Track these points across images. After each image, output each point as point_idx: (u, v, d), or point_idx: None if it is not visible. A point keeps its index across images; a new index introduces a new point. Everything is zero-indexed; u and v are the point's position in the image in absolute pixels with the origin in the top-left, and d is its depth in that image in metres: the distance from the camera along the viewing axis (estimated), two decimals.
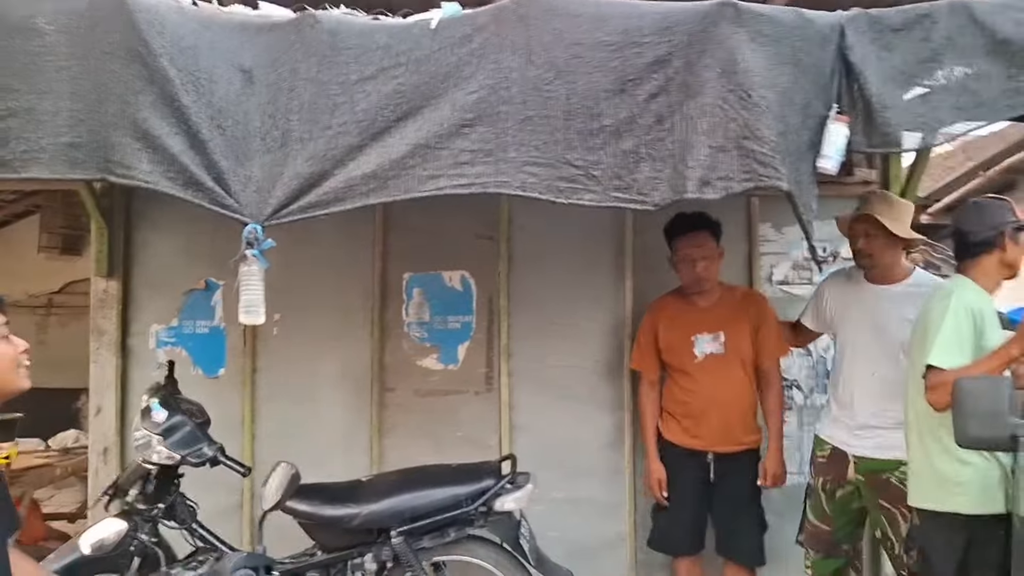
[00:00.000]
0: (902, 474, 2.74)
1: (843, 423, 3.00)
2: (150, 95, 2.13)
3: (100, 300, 3.67)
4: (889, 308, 2.89)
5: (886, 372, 2.86)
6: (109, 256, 3.64)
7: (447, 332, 3.77)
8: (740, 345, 3.18)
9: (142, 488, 2.91)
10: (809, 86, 2.21)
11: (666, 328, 3.27)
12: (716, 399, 3.17)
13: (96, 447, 3.67)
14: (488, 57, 2.20)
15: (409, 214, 3.72)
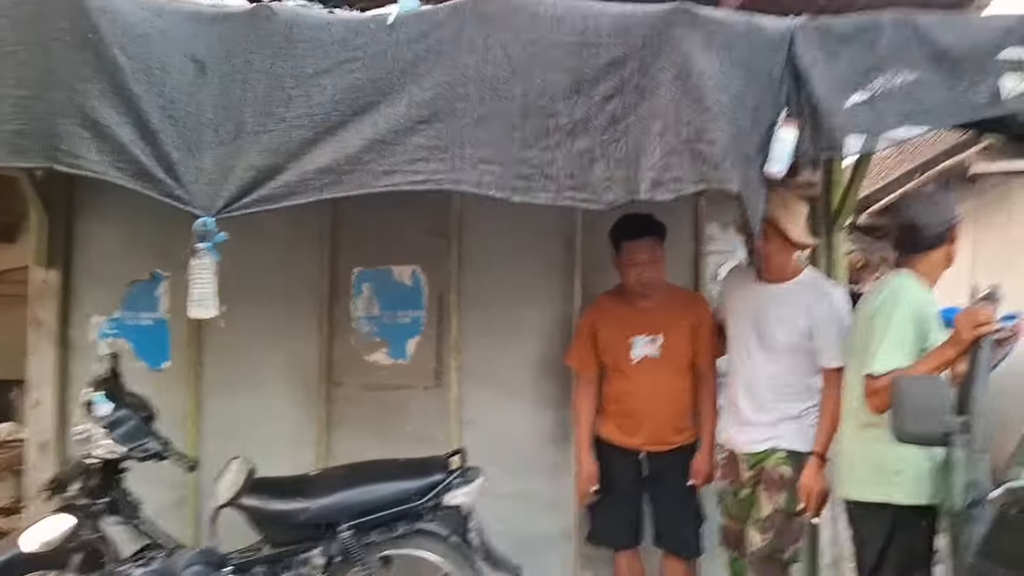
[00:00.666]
0: (778, 460, 2.89)
1: (731, 419, 3.08)
2: (99, 83, 2.09)
3: (39, 290, 3.58)
4: (770, 306, 2.94)
5: (765, 369, 2.95)
6: (49, 246, 3.54)
7: (397, 327, 3.76)
8: (678, 348, 3.21)
9: (84, 483, 2.85)
10: (759, 91, 2.27)
11: (605, 327, 3.30)
12: (650, 402, 3.20)
13: (34, 441, 3.58)
14: (445, 54, 2.21)
15: (359, 209, 3.67)
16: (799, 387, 2.92)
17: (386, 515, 2.93)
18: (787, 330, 2.89)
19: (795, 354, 2.90)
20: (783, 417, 2.92)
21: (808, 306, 2.88)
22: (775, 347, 2.91)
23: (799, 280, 2.96)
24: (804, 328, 2.86)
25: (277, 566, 2.90)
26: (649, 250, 3.15)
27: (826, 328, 2.84)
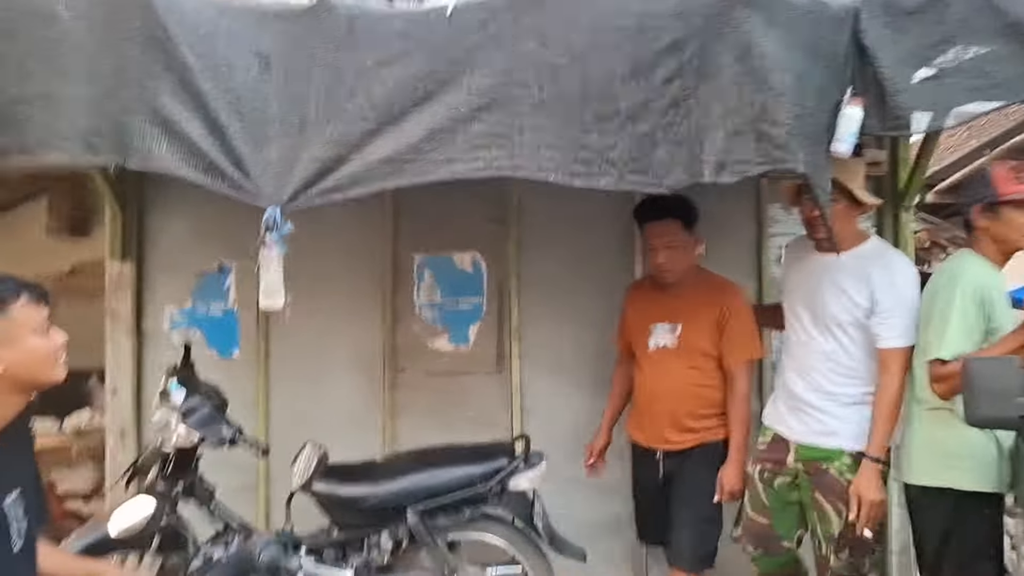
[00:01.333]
0: (843, 465, 2.62)
1: (782, 402, 2.83)
2: (169, 81, 2.15)
3: (115, 283, 3.71)
4: (826, 278, 2.68)
5: (821, 345, 2.69)
6: (123, 239, 3.67)
7: (458, 313, 3.80)
8: (697, 340, 2.98)
9: (161, 469, 2.96)
10: (824, 70, 2.23)
11: (632, 312, 3.22)
12: (658, 394, 3.04)
13: (113, 428, 3.71)
14: (503, 42, 2.21)
15: (420, 197, 3.71)
16: (859, 370, 2.65)
17: (452, 500, 2.98)
18: (845, 304, 2.62)
19: (855, 332, 2.63)
20: (844, 404, 2.66)
21: (869, 277, 2.59)
22: (831, 323, 2.66)
23: (861, 249, 2.68)
24: (864, 302, 2.59)
25: (347, 549, 2.97)
26: (669, 233, 2.95)
27: (888, 303, 2.56)
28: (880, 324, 2.58)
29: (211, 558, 1.83)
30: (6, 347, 1.70)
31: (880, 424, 2.57)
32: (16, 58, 2.10)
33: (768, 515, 2.82)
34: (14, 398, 1.75)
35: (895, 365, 2.57)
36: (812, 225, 2.71)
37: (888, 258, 2.67)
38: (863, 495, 2.52)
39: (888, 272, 2.60)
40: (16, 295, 1.72)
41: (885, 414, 2.57)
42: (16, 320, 1.72)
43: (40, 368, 1.76)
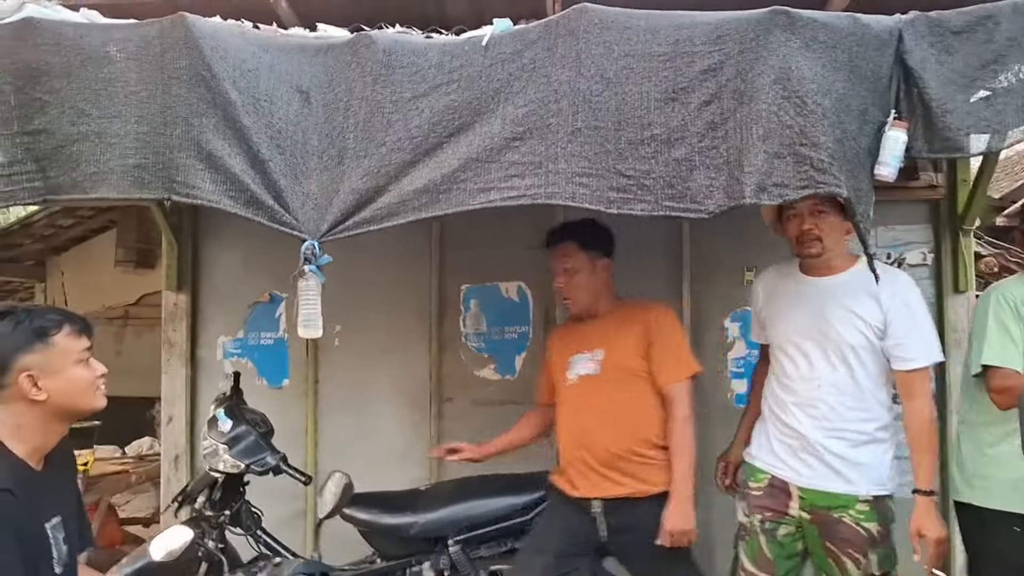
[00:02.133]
0: (858, 513, 2.38)
1: (786, 445, 2.49)
2: (213, 117, 2.20)
3: (171, 313, 3.81)
4: (829, 300, 2.46)
5: (828, 376, 2.44)
6: (178, 270, 3.78)
7: (504, 343, 3.79)
8: (623, 361, 2.72)
9: (209, 495, 3.02)
10: (866, 92, 2.17)
11: (553, 354, 2.97)
12: (585, 427, 2.71)
13: (168, 455, 3.80)
14: (538, 71, 2.21)
15: (465, 227, 3.75)
16: (870, 403, 2.43)
17: (494, 530, 2.96)
18: (856, 326, 2.40)
19: (867, 357, 2.41)
20: (857, 443, 2.40)
21: (877, 296, 2.38)
22: (844, 349, 2.42)
23: (857, 268, 2.47)
24: (876, 322, 2.38)
25: None
26: (566, 256, 2.81)
27: (903, 321, 2.37)
28: (897, 345, 2.38)
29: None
30: (49, 376, 1.76)
31: (923, 455, 2.36)
32: (71, 99, 2.19)
33: (772, 569, 2.51)
34: (56, 426, 1.81)
35: (919, 387, 2.39)
36: (803, 241, 2.48)
37: (892, 274, 2.47)
38: (927, 534, 2.30)
39: (895, 289, 2.40)
40: (59, 326, 1.79)
41: (925, 442, 2.37)
42: (58, 350, 1.78)
43: (81, 397, 1.81)
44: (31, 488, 1.71)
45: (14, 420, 1.74)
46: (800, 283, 2.56)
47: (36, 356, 1.75)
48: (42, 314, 1.80)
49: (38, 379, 1.74)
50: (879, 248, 3.60)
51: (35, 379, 1.74)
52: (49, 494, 1.78)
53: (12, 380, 1.73)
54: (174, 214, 3.76)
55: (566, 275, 2.84)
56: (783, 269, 2.65)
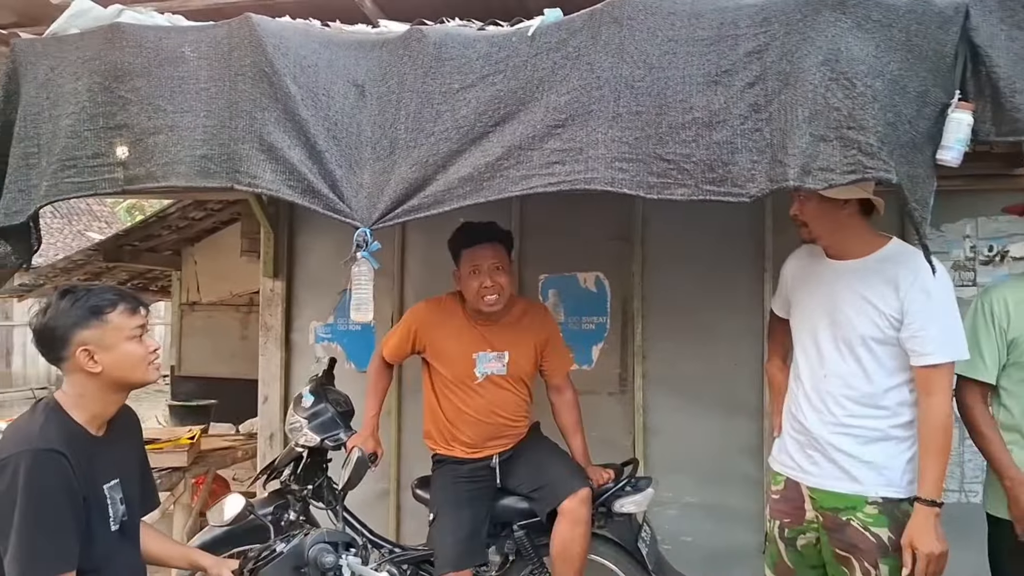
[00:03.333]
0: (867, 517, 2.20)
1: (796, 442, 2.37)
2: (274, 111, 2.33)
3: (268, 299, 4.05)
4: (842, 287, 2.29)
5: (837, 367, 2.27)
6: (275, 258, 4.00)
7: (581, 333, 3.81)
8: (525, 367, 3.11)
9: (294, 469, 3.20)
10: (926, 73, 2.04)
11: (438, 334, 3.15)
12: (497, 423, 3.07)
13: (264, 432, 4.04)
14: (582, 59, 2.22)
15: (544, 217, 3.80)
16: (882, 399, 2.23)
17: None
18: (869, 315, 2.22)
19: (880, 350, 2.22)
20: (865, 440, 2.23)
21: (895, 285, 2.19)
22: (853, 340, 2.24)
23: (883, 253, 2.28)
24: (891, 311, 2.19)
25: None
26: (497, 257, 2.98)
27: (921, 312, 2.15)
28: (913, 338, 2.16)
29: (274, 550, 1.97)
30: (103, 351, 1.93)
31: (929, 458, 2.13)
32: (149, 96, 2.37)
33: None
34: (113, 395, 1.98)
35: (936, 385, 2.15)
36: (799, 225, 2.39)
37: (916, 260, 2.14)
38: (918, 546, 2.08)
39: (917, 275, 2.16)
40: (113, 305, 1.95)
41: (934, 446, 2.13)
42: (112, 327, 1.95)
43: (133, 370, 1.98)
44: (89, 452, 1.89)
45: (77, 390, 1.93)
46: (822, 265, 2.39)
47: (92, 332, 1.93)
48: (99, 293, 1.97)
49: (94, 353, 1.92)
50: (980, 240, 3.39)
51: (91, 353, 1.92)
52: (108, 458, 1.96)
53: (70, 354, 1.91)
54: (271, 205, 3.99)
55: (498, 274, 2.96)
56: (815, 249, 2.45)
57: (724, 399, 3.63)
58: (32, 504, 1.75)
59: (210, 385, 7.68)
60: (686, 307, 3.67)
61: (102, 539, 1.90)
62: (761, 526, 3.54)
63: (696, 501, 3.63)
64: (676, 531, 3.63)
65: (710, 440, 3.63)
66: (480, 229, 3.02)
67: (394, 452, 3.92)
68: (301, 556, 1.87)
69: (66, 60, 2.44)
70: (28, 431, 1.85)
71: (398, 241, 3.97)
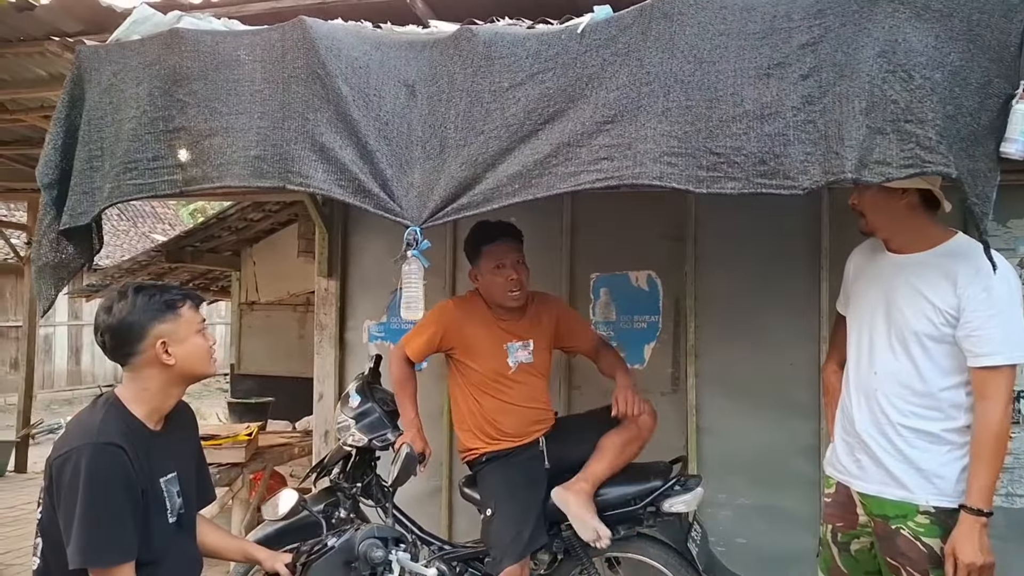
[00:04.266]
0: (918, 526, 2.11)
1: (846, 444, 2.31)
2: (326, 112, 2.36)
3: (322, 298, 4.11)
4: (898, 282, 2.21)
5: (889, 364, 2.19)
6: (329, 258, 4.06)
7: (633, 332, 3.78)
8: (546, 351, 3.23)
9: (344, 467, 3.24)
10: (989, 64, 1.98)
11: (472, 330, 3.18)
12: (537, 409, 3.18)
13: (318, 430, 4.11)
14: (632, 55, 2.20)
15: (596, 215, 3.78)
16: (937, 399, 2.14)
17: (606, 517, 2.96)
18: (924, 310, 2.14)
19: (935, 348, 2.13)
20: (917, 444, 2.14)
21: (954, 277, 2.10)
22: (907, 335, 2.16)
23: (946, 247, 2.19)
24: (948, 308, 2.10)
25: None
26: (516, 253, 3.07)
27: (979, 310, 2.06)
28: (970, 337, 2.07)
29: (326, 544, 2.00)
30: (177, 344, 2.00)
31: (979, 465, 2.05)
32: (206, 99, 2.43)
33: None
34: (175, 389, 2.04)
35: (993, 388, 2.05)
36: (857, 216, 2.35)
37: (978, 255, 2.02)
38: (959, 556, 2.00)
39: (978, 271, 2.06)
40: (183, 300, 2.02)
41: (986, 452, 2.04)
42: (184, 320, 2.02)
43: (200, 363, 2.04)
44: (147, 445, 1.94)
45: (140, 385, 1.99)
46: (882, 259, 2.32)
47: (168, 325, 2.00)
48: (168, 289, 2.04)
49: (169, 346, 1.98)
50: None
51: (167, 345, 1.99)
52: (165, 451, 2.02)
53: (148, 346, 1.98)
54: (326, 206, 4.05)
55: (520, 269, 3.06)
56: (878, 243, 2.38)
57: (779, 400, 3.57)
58: (93, 496, 1.81)
59: (268, 383, 7.84)
60: (740, 307, 3.62)
61: (160, 531, 1.95)
62: (817, 529, 3.49)
63: (750, 502, 3.58)
64: (730, 532, 3.58)
65: (764, 441, 3.57)
66: (499, 226, 3.09)
67: (446, 450, 3.94)
68: (352, 551, 1.90)
69: (128, 66, 2.51)
70: (89, 425, 1.91)
71: (449, 240, 3.99)
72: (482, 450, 3.12)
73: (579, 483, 2.93)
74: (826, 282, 3.47)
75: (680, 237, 3.71)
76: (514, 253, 3.06)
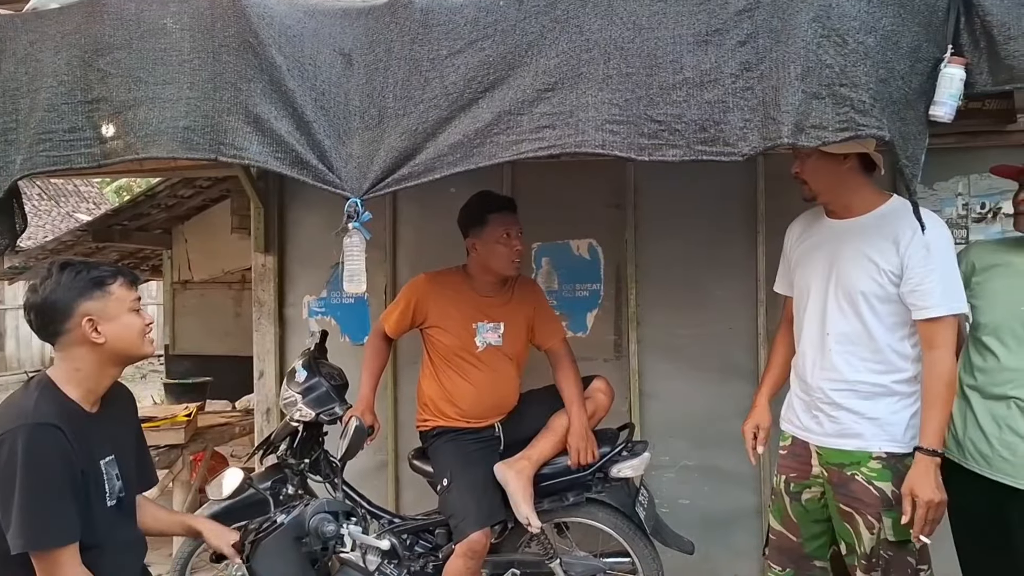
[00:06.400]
0: (871, 471, 2.23)
1: (801, 401, 2.42)
2: (260, 82, 2.29)
3: (260, 274, 4.03)
4: (843, 244, 2.30)
5: (839, 325, 2.29)
6: (266, 233, 3.98)
7: (576, 300, 3.81)
8: (519, 338, 3.18)
9: (291, 444, 3.20)
10: (919, 28, 2.03)
11: (433, 305, 3.19)
12: (502, 393, 3.16)
13: (260, 408, 4.04)
14: (571, 22, 2.19)
15: (536, 184, 3.78)
16: (886, 354, 2.25)
17: (555, 484, 3.00)
18: (869, 272, 2.23)
19: (881, 307, 2.23)
20: (867, 395, 2.25)
21: (895, 239, 2.20)
22: (855, 296, 2.25)
23: (884, 209, 2.28)
24: (892, 268, 2.20)
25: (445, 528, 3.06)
26: (518, 225, 3.05)
27: (921, 266, 2.16)
28: (913, 292, 2.17)
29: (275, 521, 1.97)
30: (107, 322, 1.93)
31: (931, 410, 2.15)
32: (130, 68, 2.33)
33: (797, 531, 2.45)
34: (110, 370, 1.98)
35: (939, 338, 2.16)
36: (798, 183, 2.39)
37: (912, 216, 2.10)
38: (918, 494, 2.10)
39: (916, 231, 2.13)
40: (114, 277, 1.95)
41: (936, 397, 2.15)
42: (115, 298, 1.95)
43: (134, 342, 1.98)
44: (84, 428, 1.88)
45: (72, 365, 1.92)
46: (823, 226, 2.41)
47: (96, 303, 1.93)
48: (98, 266, 1.97)
49: (98, 324, 1.92)
50: (972, 197, 3.38)
51: (95, 323, 1.92)
52: (103, 434, 1.96)
53: (75, 324, 1.91)
54: (260, 180, 3.95)
55: (521, 239, 3.05)
56: (814, 213, 2.48)
57: (719, 363, 3.64)
58: (32, 477, 1.76)
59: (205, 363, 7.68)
60: (680, 272, 3.67)
61: (100, 515, 1.90)
62: (757, 488, 3.60)
63: (693, 464, 3.66)
64: (674, 494, 3.66)
65: (706, 404, 3.65)
66: (503, 197, 3.12)
67: (391, 424, 3.93)
68: (302, 526, 1.88)
69: (46, 35, 2.39)
70: (23, 407, 1.85)
71: (389, 212, 3.94)
72: (436, 423, 3.12)
73: (521, 461, 2.95)
74: (763, 246, 3.55)
75: (620, 205, 3.73)
76: (518, 224, 3.05)
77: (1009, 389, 2.29)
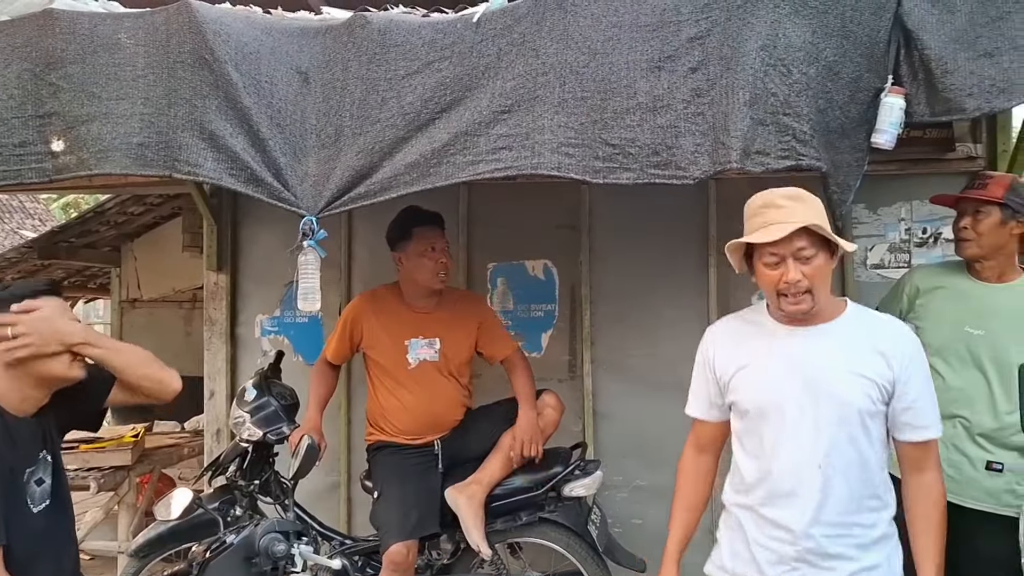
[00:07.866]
0: None
1: (770, 552, 1.84)
2: (215, 99, 2.30)
3: (212, 292, 3.97)
4: (819, 353, 1.82)
5: (841, 458, 1.79)
6: (218, 251, 3.93)
7: (530, 320, 3.82)
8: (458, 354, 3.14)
9: (240, 464, 3.15)
10: (860, 58, 2.13)
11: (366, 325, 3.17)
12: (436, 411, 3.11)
13: (210, 428, 3.97)
14: (527, 45, 2.24)
15: (492, 205, 3.80)
16: (878, 482, 1.83)
17: (508, 504, 3.00)
18: (861, 388, 1.78)
19: (871, 425, 1.80)
20: (867, 543, 1.80)
21: (880, 348, 1.80)
22: (844, 416, 1.78)
23: (848, 314, 1.87)
24: (884, 382, 1.79)
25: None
26: (443, 240, 3.06)
27: (915, 380, 1.80)
28: (907, 410, 1.81)
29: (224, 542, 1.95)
30: None
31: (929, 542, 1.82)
32: (83, 83, 2.32)
33: None
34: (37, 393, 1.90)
35: (932, 459, 1.85)
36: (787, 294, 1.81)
37: (888, 322, 1.90)
38: None
39: (901, 339, 1.84)
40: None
41: (934, 525, 1.82)
42: None
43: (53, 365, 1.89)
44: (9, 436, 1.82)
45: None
46: (777, 334, 1.89)
47: None
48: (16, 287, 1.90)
49: None
50: (914, 223, 3.49)
51: None
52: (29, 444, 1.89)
53: None
54: (214, 197, 3.91)
55: (448, 255, 3.07)
56: (747, 316, 2.03)
57: (672, 383, 3.64)
58: None
59: None
60: (633, 293, 3.71)
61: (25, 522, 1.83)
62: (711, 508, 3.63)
63: (646, 484, 3.68)
64: (627, 514, 3.67)
65: (659, 424, 3.66)
66: (428, 212, 3.05)
67: (344, 445, 3.89)
68: (252, 546, 1.86)
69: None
70: None
71: (344, 231, 3.92)
72: (377, 437, 3.12)
73: (472, 486, 2.93)
74: (714, 268, 3.61)
75: (575, 227, 3.77)
76: (443, 239, 3.05)
77: (954, 409, 2.34)
